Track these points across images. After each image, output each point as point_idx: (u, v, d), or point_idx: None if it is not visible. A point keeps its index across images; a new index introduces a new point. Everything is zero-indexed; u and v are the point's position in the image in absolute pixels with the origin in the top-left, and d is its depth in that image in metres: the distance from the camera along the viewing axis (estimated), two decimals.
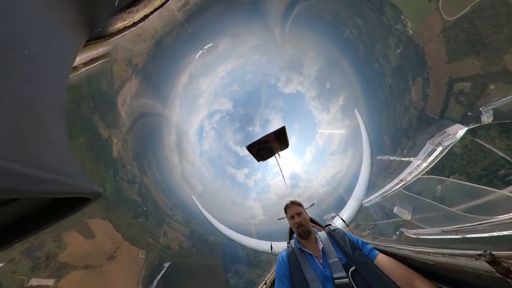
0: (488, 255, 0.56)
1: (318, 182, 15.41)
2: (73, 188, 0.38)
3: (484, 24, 5.40)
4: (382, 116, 12.39)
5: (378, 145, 12.45)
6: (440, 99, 7.75)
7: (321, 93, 15.87)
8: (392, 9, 8.89)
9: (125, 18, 1.08)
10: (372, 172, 11.71)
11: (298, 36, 14.56)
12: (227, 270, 11.90)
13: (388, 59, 10.98)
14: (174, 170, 15.86)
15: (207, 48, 13.94)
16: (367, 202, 10.06)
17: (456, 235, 4.47)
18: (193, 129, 17.00)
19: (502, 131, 5.08)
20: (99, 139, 9.74)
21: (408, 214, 7.21)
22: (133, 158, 12.86)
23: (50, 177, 0.33)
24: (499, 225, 3.60)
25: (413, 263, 0.96)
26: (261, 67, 16.79)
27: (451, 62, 7.04)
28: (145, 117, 14.11)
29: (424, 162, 6.70)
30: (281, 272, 1.29)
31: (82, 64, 1.20)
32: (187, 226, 13.54)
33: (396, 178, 8.16)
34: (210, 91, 17.16)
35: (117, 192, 10.24)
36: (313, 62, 15.58)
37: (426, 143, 6.82)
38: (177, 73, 15.14)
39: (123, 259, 8.00)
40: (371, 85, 13.11)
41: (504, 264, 0.52)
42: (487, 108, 5.37)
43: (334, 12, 12.69)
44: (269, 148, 2.16)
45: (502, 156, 4.97)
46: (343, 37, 13.38)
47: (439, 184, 6.59)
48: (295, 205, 1.55)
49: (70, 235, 6.44)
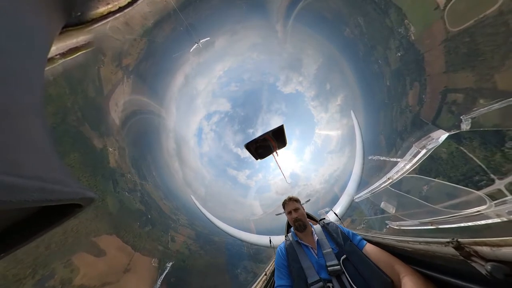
0: (455, 242, 0.66)
1: (316, 180, 16.09)
2: (60, 195, 0.36)
3: (483, 41, 5.64)
4: (379, 116, 12.79)
5: (374, 144, 13.01)
6: (434, 106, 8.16)
7: (320, 93, 15.88)
8: (397, 12, 8.79)
9: (108, 1, 0.95)
10: (364, 171, 12.41)
11: (298, 33, 14.04)
12: (236, 267, 12.59)
13: (388, 61, 11.08)
14: (175, 174, 15.68)
15: (203, 42, 13.04)
16: (357, 198, 10.82)
17: (431, 226, 5.32)
18: (192, 131, 16.55)
19: (483, 142, 5.69)
20: (93, 152, 9.20)
21: (393, 209, 8.02)
22: (131, 165, 12.46)
23: (32, 185, 0.31)
24: (466, 217, 4.45)
25: (395, 250, 1.10)
26: (260, 65, 16.24)
27: (447, 73, 7.35)
28: (141, 118, 13.42)
29: (410, 163, 7.38)
30: (280, 263, 1.40)
31: (59, 54, 1.03)
32: (192, 228, 13.83)
33: (384, 176, 8.59)
34: (207, 91, 16.50)
35: (119, 204, 10.04)
36: (312, 60, 15.31)
37: (413, 146, 7.51)
38: (172, 71, 14.23)
39: (137, 270, 8.17)
40: (370, 85, 13.31)
41: (466, 249, 0.62)
42: (467, 116, 5.93)
43: (336, 9, 12.26)
44: (267, 147, 2.18)
45: (479, 164, 5.63)
46: (343, 35, 13.13)
47: (425, 184, 7.32)
48: (292, 201, 1.64)
49: (80, 257, 6.39)
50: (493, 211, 4.31)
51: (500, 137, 5.25)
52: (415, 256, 0.93)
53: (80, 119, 8.52)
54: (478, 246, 0.60)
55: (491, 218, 4.22)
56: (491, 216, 4.25)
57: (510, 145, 4.99)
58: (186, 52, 13.73)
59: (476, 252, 0.59)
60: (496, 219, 4.15)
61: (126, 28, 11.08)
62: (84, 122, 8.71)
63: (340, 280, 1.12)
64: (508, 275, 0.49)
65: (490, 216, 4.24)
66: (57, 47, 0.97)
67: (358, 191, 11.19)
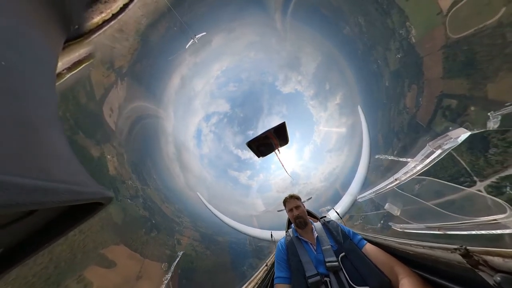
0: (463, 249, 0.64)
1: (316, 179, 16.53)
2: (85, 195, 0.41)
3: (480, 50, 5.79)
4: (378, 116, 13.00)
5: (373, 143, 13.32)
6: (430, 110, 8.40)
7: (319, 92, 15.87)
8: (399, 13, 8.70)
9: (102, 10, 1.02)
10: (369, 170, 12.62)
11: (296, 30, 13.67)
12: (242, 265, 13.09)
13: (387, 62, 11.11)
14: (175, 176, 15.60)
15: (199, 37, 12.49)
16: (361, 198, 11.02)
17: (438, 231, 5.24)
18: (191, 133, 16.26)
19: (470, 147, 6.06)
20: (90, 161, 8.89)
21: (398, 211, 8.14)
22: (131, 171, 12.26)
23: (61, 187, 0.36)
24: (479, 225, 4.34)
25: (395, 252, 1.11)
26: (258, 64, 15.85)
27: (444, 78, 7.54)
28: (139, 121, 13.04)
29: (421, 164, 7.12)
30: (280, 257, 1.45)
31: (66, 69, 1.13)
32: (196, 230, 14.06)
33: (391, 177, 8.67)
34: (205, 92, 16.03)
35: (123, 213, 9.98)
36: (311, 58, 15.09)
37: (426, 145, 6.81)
38: (169, 72, 13.66)
39: (149, 275, 8.34)
40: (369, 84, 13.38)
41: (475, 257, 0.61)
42: (496, 113, 5.47)
43: (335, 6, 11.94)
44: (269, 144, 2.19)
45: (465, 167, 5.94)
46: (342, 33, 12.93)
47: (417, 183, 7.53)
48: (293, 199, 1.68)
49: (91, 271, 6.45)
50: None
51: (486, 143, 5.62)
52: (416, 259, 0.93)
53: (73, 127, 8.14)
54: (489, 256, 0.58)
55: (509, 228, 3.77)
56: (510, 226, 3.80)
57: (493, 151, 5.41)
58: (182, 51, 13.16)
59: (486, 261, 0.58)
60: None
61: (120, 35, 10.50)
62: (78, 130, 8.33)
63: (338, 276, 1.14)
64: None
65: (509, 226, 3.79)
66: (63, 62, 1.01)
67: (362, 191, 11.32)
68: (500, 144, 5.32)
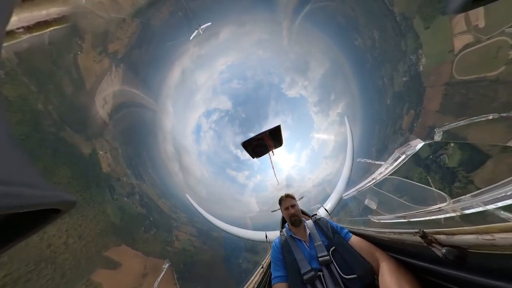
0: (421, 232, 0.78)
1: (310, 183, 17.44)
2: (31, 200, 0.28)
3: (475, 97, 6.38)
4: (375, 130, 13.70)
5: (368, 155, 14.13)
6: (420, 137, 9.17)
7: (323, 99, 15.95)
8: (415, 38, 8.82)
9: None
10: (352, 172, 13.74)
11: (307, 33, 13.12)
12: (237, 258, 14.02)
13: (392, 82, 11.44)
14: (171, 171, 15.32)
15: (203, 28, 11.48)
16: (346, 195, 12.23)
17: (404, 219, 6.38)
18: (190, 128, 15.62)
19: (442, 177, 7.50)
20: (80, 159, 8.06)
21: (375, 205, 9.23)
22: (126, 166, 11.74)
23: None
24: (429, 212, 5.48)
25: (375, 240, 1.29)
26: (265, 64, 15.19)
27: (439, 112, 8.20)
28: (135, 112, 12.10)
29: (391, 166, 8.57)
30: (276, 256, 1.53)
31: (23, 28, 0.83)
32: (193, 226, 14.43)
33: (370, 177, 9.73)
34: (207, 86, 15.15)
35: (121, 212, 9.78)
36: (318, 64, 14.84)
37: (394, 151, 8.49)
38: (170, 61, 12.48)
39: (154, 271, 8.65)
40: (371, 99, 13.78)
41: (429, 237, 0.75)
42: (439, 129, 7.14)
43: (352, 16, 11.59)
44: (264, 146, 2.29)
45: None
46: (354, 44, 12.79)
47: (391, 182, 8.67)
48: (289, 198, 1.78)
49: (99, 274, 6.53)
50: (451, 207, 5.08)
51: (454, 177, 6.81)
52: (391, 244, 1.14)
53: (58, 122, 7.08)
54: (438, 235, 0.73)
55: (448, 212, 5.01)
56: (449, 211, 5.04)
57: (457, 185, 6.76)
58: (186, 41, 12.03)
59: (436, 239, 0.73)
60: (452, 214, 4.93)
61: (112, 4, 9.00)
62: (64, 125, 7.29)
63: (329, 269, 1.27)
64: (458, 257, 0.63)
65: (448, 211, 5.04)
66: (20, 17, 0.83)
67: (346, 189, 12.42)
68: (463, 180, 6.59)
